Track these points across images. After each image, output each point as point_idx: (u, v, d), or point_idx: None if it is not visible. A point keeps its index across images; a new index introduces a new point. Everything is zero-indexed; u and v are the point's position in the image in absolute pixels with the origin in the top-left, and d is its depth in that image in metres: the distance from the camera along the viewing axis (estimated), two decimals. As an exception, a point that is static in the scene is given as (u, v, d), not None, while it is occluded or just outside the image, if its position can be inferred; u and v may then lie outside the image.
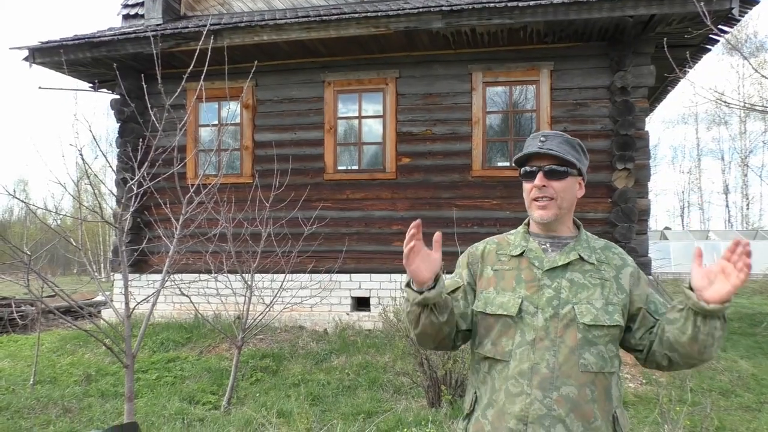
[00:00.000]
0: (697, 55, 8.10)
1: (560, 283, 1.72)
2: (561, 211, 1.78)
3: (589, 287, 1.71)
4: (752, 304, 14.10)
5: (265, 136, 8.58)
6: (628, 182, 7.43)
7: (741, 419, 5.26)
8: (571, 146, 1.80)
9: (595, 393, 1.65)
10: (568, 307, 1.68)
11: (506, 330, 1.72)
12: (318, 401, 5.70)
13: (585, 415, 1.62)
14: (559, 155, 1.74)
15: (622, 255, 1.82)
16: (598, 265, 1.75)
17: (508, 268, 1.79)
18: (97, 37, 8.15)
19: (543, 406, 1.62)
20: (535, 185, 1.75)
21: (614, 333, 1.69)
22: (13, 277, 4.20)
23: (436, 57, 8.15)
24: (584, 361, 1.64)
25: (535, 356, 1.65)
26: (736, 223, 36.43)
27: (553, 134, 1.79)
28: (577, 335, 1.65)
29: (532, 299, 1.71)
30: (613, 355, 1.70)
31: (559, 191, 1.75)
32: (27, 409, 5.48)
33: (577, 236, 1.83)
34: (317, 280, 7.80)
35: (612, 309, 1.69)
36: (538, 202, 1.77)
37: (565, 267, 1.74)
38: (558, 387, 1.63)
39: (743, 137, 34.63)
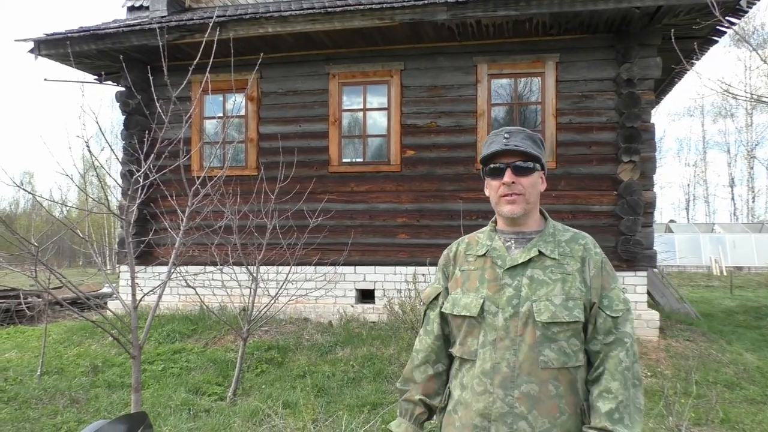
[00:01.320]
0: (704, 47, 8.05)
1: (521, 281, 1.73)
2: (529, 206, 1.79)
3: (549, 283, 1.71)
4: (757, 297, 14.08)
5: (270, 128, 8.58)
6: (633, 175, 7.40)
7: (746, 412, 5.26)
8: (533, 141, 1.81)
9: (560, 388, 1.66)
10: (527, 305, 1.69)
11: (471, 330, 1.76)
12: (323, 393, 5.72)
13: (549, 410, 1.64)
14: (526, 151, 1.76)
15: (587, 246, 1.80)
16: (560, 260, 1.75)
17: (474, 269, 1.82)
18: (102, 29, 8.16)
19: (505, 404, 1.65)
20: (505, 182, 1.76)
21: (576, 328, 1.69)
22: (21, 268, 4.22)
23: (441, 49, 8.12)
24: (544, 358, 1.66)
25: (497, 356, 1.69)
26: (741, 216, 36.33)
27: (515, 130, 1.80)
28: (536, 333, 1.67)
29: (494, 299, 1.73)
30: (577, 349, 1.70)
31: (527, 186, 1.77)
32: (34, 400, 5.53)
33: (542, 230, 1.82)
34: (322, 272, 7.81)
35: (573, 304, 1.68)
36: (506, 198, 1.78)
37: (525, 264, 1.74)
38: (519, 385, 1.65)
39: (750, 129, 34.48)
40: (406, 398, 1.91)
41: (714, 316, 9.94)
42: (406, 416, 1.89)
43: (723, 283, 17.98)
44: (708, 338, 7.43)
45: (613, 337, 1.70)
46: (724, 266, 22.24)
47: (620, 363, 1.67)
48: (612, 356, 1.68)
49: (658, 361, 6.50)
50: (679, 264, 22.21)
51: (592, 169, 7.69)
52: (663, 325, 7.47)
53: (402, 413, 1.91)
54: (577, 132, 7.75)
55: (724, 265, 22.38)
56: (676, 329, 7.58)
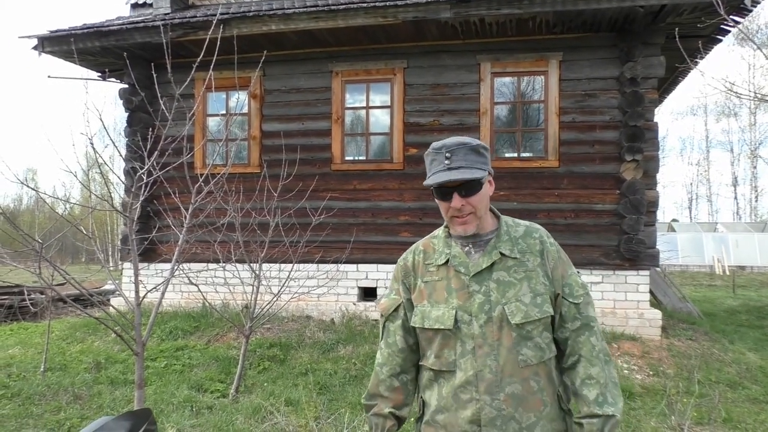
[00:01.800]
0: (707, 46, 8.03)
1: (488, 286, 1.72)
2: (481, 219, 1.77)
3: (516, 283, 1.72)
4: (760, 297, 14.06)
5: (273, 126, 8.59)
6: (636, 174, 7.39)
7: (749, 411, 5.26)
8: (476, 153, 1.74)
9: (540, 382, 1.70)
10: (498, 308, 1.70)
11: (447, 342, 1.74)
12: (325, 390, 5.73)
13: (534, 406, 1.68)
14: (469, 177, 1.69)
15: (542, 238, 1.81)
16: (521, 258, 1.76)
17: (438, 279, 1.79)
18: (106, 26, 8.16)
19: (493, 409, 1.67)
20: (453, 206, 1.73)
21: (546, 322, 1.73)
22: (24, 264, 4.23)
23: (444, 47, 8.11)
24: (523, 357, 1.68)
25: (478, 363, 1.69)
26: (744, 215, 36.26)
27: (456, 146, 1.72)
28: (512, 334, 1.68)
29: (465, 308, 1.72)
30: (549, 341, 1.74)
31: (477, 204, 1.74)
32: (38, 396, 5.54)
33: (497, 229, 1.81)
34: (324, 270, 7.82)
35: (541, 300, 1.71)
36: (458, 219, 1.75)
37: (489, 268, 1.74)
38: (503, 388, 1.67)
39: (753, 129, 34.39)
40: (375, 413, 1.89)
41: (716, 316, 9.93)
42: (378, 430, 1.88)
43: (726, 282, 17.95)
44: (710, 338, 7.42)
45: (579, 322, 1.75)
46: (727, 265, 22.21)
47: (593, 347, 1.73)
48: (583, 341, 1.74)
49: (660, 360, 6.50)
50: (681, 263, 22.18)
51: (595, 167, 7.68)
52: (665, 325, 7.46)
53: (373, 428, 1.90)
54: (580, 131, 7.74)
55: (727, 264, 22.34)
56: (679, 328, 7.57)
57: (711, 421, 4.86)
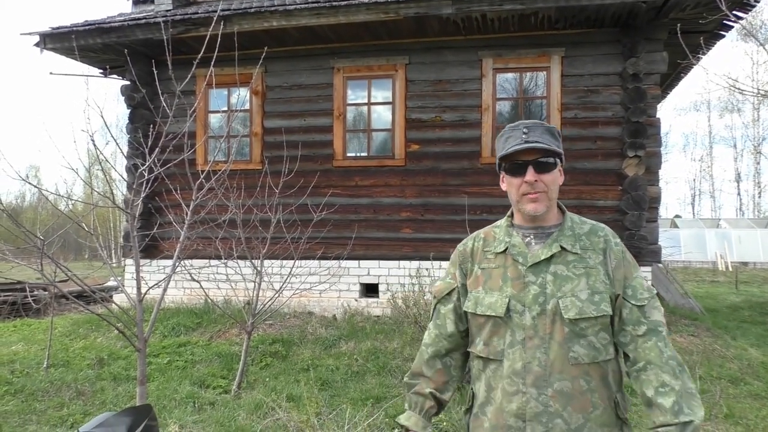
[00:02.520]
0: (710, 42, 8.01)
1: (545, 278, 1.70)
2: (551, 202, 1.76)
3: (574, 278, 1.69)
4: (763, 293, 14.04)
5: (275, 122, 8.58)
6: (638, 170, 7.39)
7: (750, 407, 5.26)
8: (552, 135, 1.76)
9: (591, 383, 1.65)
10: (553, 302, 1.67)
11: (497, 330, 1.73)
12: (327, 386, 5.74)
13: (582, 406, 1.63)
14: (547, 147, 1.71)
15: (607, 237, 1.77)
16: (582, 254, 1.72)
17: (495, 266, 1.79)
18: (108, 22, 8.16)
19: (539, 404, 1.64)
20: (527, 180, 1.72)
21: (604, 322, 1.67)
22: (27, 261, 4.24)
23: (446, 43, 8.10)
24: (574, 354, 1.64)
25: (527, 355, 1.66)
26: (747, 212, 36.19)
27: (533, 124, 1.76)
28: (565, 329, 1.65)
29: (519, 297, 1.70)
30: (607, 343, 1.69)
31: (549, 183, 1.74)
32: (41, 392, 5.56)
33: (561, 224, 1.79)
34: (326, 266, 7.83)
35: (599, 298, 1.67)
36: (529, 196, 1.73)
37: (548, 260, 1.72)
38: (552, 383, 1.64)
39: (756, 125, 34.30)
40: (415, 391, 1.88)
41: (719, 312, 9.92)
42: (416, 409, 1.87)
43: (728, 278, 17.93)
44: (712, 333, 7.41)
45: (644, 327, 1.67)
46: (730, 261, 22.17)
47: (662, 353, 1.64)
48: (650, 347, 1.65)
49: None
50: (684, 259, 22.16)
51: (597, 164, 7.67)
52: (667, 321, 7.38)
53: (411, 406, 1.88)
54: (582, 127, 7.73)
55: (730, 260, 22.31)
56: (681, 324, 7.56)
57: (712, 416, 4.86)
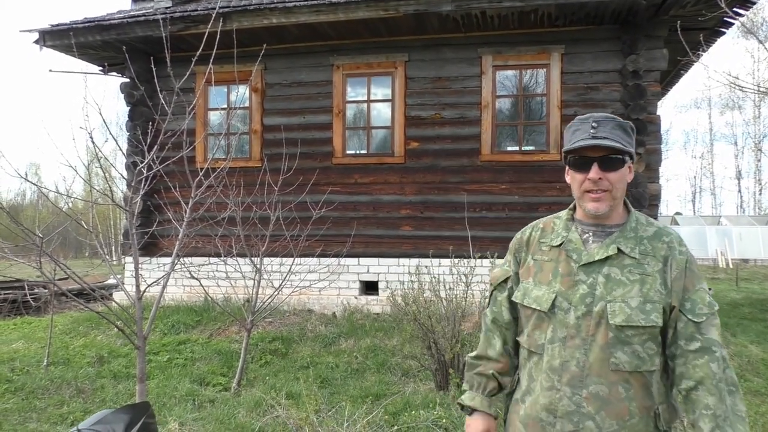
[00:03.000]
0: (711, 39, 7.99)
1: (596, 279, 1.64)
2: (615, 202, 1.69)
3: (627, 284, 1.62)
4: (763, 290, 14.03)
5: (274, 119, 8.58)
6: (638, 167, 7.38)
7: (750, 404, 5.25)
8: (623, 131, 1.68)
9: (630, 391, 1.60)
10: (600, 304, 1.61)
11: (540, 324, 1.71)
12: (326, 384, 5.74)
13: (618, 413, 1.59)
14: (615, 146, 1.63)
15: (672, 244, 1.67)
16: (640, 259, 1.64)
17: (548, 259, 1.75)
18: (107, 20, 8.15)
19: (572, 403, 1.62)
20: (590, 178, 1.65)
21: (653, 332, 1.60)
22: (26, 259, 4.24)
23: (446, 40, 8.08)
24: (615, 360, 1.59)
25: (566, 353, 1.64)
26: (748, 209, 36.18)
27: (604, 118, 1.67)
28: (609, 334, 1.60)
29: (566, 295, 1.67)
30: (654, 353, 1.62)
31: (615, 182, 1.66)
32: (41, 390, 5.57)
33: (624, 224, 1.72)
34: (326, 264, 7.83)
35: (650, 308, 1.59)
36: (592, 194, 1.67)
37: (602, 261, 1.66)
38: (587, 385, 1.61)
39: (757, 122, 34.27)
40: (478, 372, 1.89)
41: (719, 309, 9.91)
42: (479, 389, 1.87)
43: (729, 275, 17.92)
44: (712, 331, 7.40)
45: (698, 344, 1.59)
46: (730, 258, 22.16)
47: (713, 375, 1.56)
48: (701, 366, 1.57)
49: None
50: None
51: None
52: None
53: (474, 387, 1.88)
54: (582, 124, 7.71)
55: (730, 257, 22.30)
56: (681, 322, 7.55)
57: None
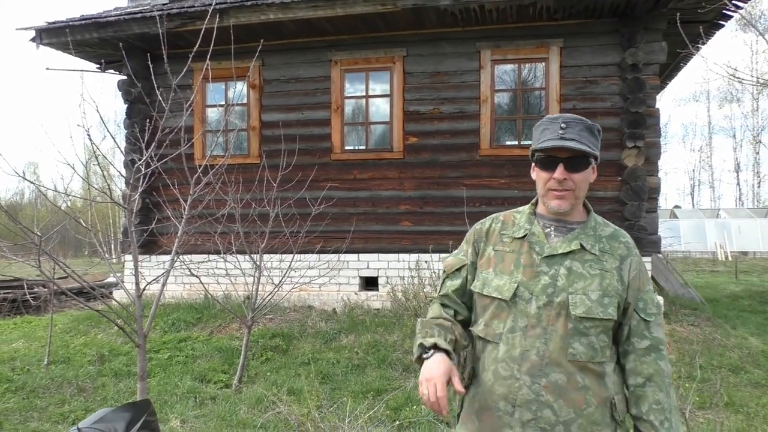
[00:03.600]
0: (709, 31, 7.97)
1: (558, 271, 1.70)
2: (577, 201, 1.76)
3: (587, 277, 1.69)
4: (762, 282, 14.05)
5: (272, 116, 8.55)
6: (638, 160, 7.37)
7: (750, 395, 5.27)
8: (590, 133, 1.73)
9: (586, 381, 1.66)
10: (562, 295, 1.67)
11: (499, 313, 1.73)
12: (328, 379, 5.75)
13: (575, 402, 1.64)
14: (581, 149, 1.68)
15: (628, 245, 1.78)
16: (600, 256, 1.72)
17: (509, 250, 1.79)
18: (104, 17, 8.13)
19: (531, 392, 1.65)
20: (556, 178, 1.70)
21: (607, 325, 1.68)
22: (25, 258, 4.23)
23: (444, 35, 8.05)
24: (573, 351, 1.65)
25: (527, 343, 1.67)
26: (747, 201, 36.21)
27: (572, 120, 1.72)
28: (568, 325, 1.66)
29: (528, 285, 1.71)
30: (605, 345, 1.69)
31: (579, 182, 1.72)
32: (42, 389, 5.57)
33: (585, 222, 1.79)
34: (325, 260, 7.82)
35: (608, 302, 1.67)
36: (556, 192, 1.73)
37: (565, 255, 1.72)
38: (547, 374, 1.65)
39: (756, 114, 34.26)
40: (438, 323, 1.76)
41: (719, 301, 9.93)
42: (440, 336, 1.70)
43: (728, 268, 17.95)
44: (712, 323, 7.42)
45: (647, 342, 1.71)
46: (729, 251, 22.18)
47: (663, 373, 1.70)
48: (650, 364, 1.70)
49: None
50: (684, 249, 22.18)
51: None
52: (667, 311, 7.46)
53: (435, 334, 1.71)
54: (581, 117, 7.70)
55: (729, 250, 22.32)
56: (681, 314, 7.57)
57: (713, 405, 4.87)
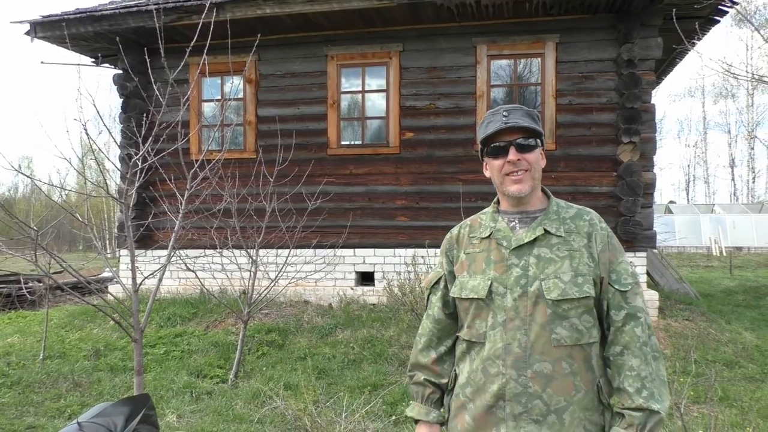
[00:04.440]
0: (705, 27, 7.98)
1: (528, 261, 1.71)
2: (535, 182, 1.77)
3: (557, 261, 1.70)
4: (757, 277, 14.12)
5: (269, 111, 8.54)
6: (633, 156, 7.38)
7: (745, 389, 5.31)
8: (531, 118, 1.78)
9: (574, 366, 1.66)
10: (536, 284, 1.68)
11: (480, 312, 1.75)
12: (324, 374, 5.76)
13: (564, 388, 1.64)
14: (528, 127, 1.73)
15: (593, 221, 1.79)
16: (566, 237, 1.74)
17: (479, 251, 1.81)
18: (99, 10, 8.08)
19: (518, 385, 1.65)
20: (509, 160, 1.73)
21: (587, 304, 1.68)
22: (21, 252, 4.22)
23: (440, 30, 8.04)
24: (556, 336, 1.65)
25: (508, 336, 1.68)
26: (741, 197, 36.35)
27: (513, 108, 1.78)
28: (547, 311, 1.66)
29: (501, 280, 1.72)
30: (591, 326, 1.69)
31: (532, 162, 1.75)
32: (38, 384, 5.56)
33: (546, 208, 1.81)
34: (321, 255, 7.82)
35: (582, 280, 1.67)
36: (512, 177, 1.75)
37: (531, 243, 1.73)
38: (531, 364, 1.65)
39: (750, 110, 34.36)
40: (414, 382, 1.93)
41: (713, 296, 9.98)
42: (418, 398, 1.91)
43: (722, 263, 18.03)
44: (707, 318, 7.46)
45: (624, 312, 1.69)
46: (724, 246, 22.28)
47: (638, 339, 1.67)
48: (627, 332, 1.68)
49: (657, 340, 6.53)
50: (678, 245, 22.26)
51: (592, 150, 7.67)
52: (662, 306, 7.50)
53: (414, 397, 1.93)
54: (576, 113, 7.72)
55: (724, 245, 22.42)
56: (676, 309, 7.61)
57: (707, 399, 4.90)
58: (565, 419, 1.63)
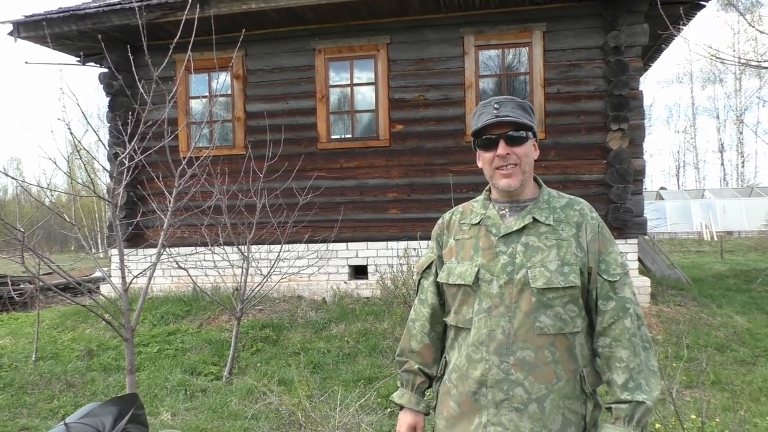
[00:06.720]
0: (691, 12, 7.99)
1: (515, 248, 1.72)
2: (525, 176, 1.78)
3: (544, 249, 1.71)
4: (747, 261, 14.21)
5: (257, 106, 8.49)
6: (622, 143, 7.40)
7: (736, 373, 5.35)
8: (523, 110, 1.78)
9: (556, 354, 1.67)
10: (522, 272, 1.69)
11: (466, 298, 1.77)
12: (318, 369, 5.76)
13: (546, 376, 1.65)
14: (518, 121, 1.73)
15: (583, 211, 1.79)
16: (555, 226, 1.74)
17: (468, 237, 1.82)
18: (82, 9, 8.00)
19: (500, 371, 1.67)
20: (499, 154, 1.74)
21: (572, 293, 1.68)
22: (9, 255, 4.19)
23: (427, 21, 8.02)
24: (540, 324, 1.66)
25: (492, 323, 1.69)
26: (731, 181, 36.56)
27: (505, 100, 1.78)
28: (532, 299, 1.67)
29: (488, 267, 1.73)
30: (575, 315, 1.70)
31: (522, 156, 1.75)
32: (30, 385, 5.54)
33: (537, 197, 1.82)
34: (314, 249, 7.82)
35: (568, 270, 1.68)
36: (502, 171, 1.75)
37: (520, 231, 1.74)
38: (514, 351, 1.66)
39: (738, 95, 34.52)
40: (405, 369, 1.94)
41: (704, 281, 10.04)
42: (408, 386, 1.93)
43: (713, 248, 18.14)
44: (699, 303, 7.51)
45: (613, 303, 1.69)
46: (715, 231, 22.41)
47: (626, 330, 1.67)
48: (616, 324, 1.68)
49: (649, 326, 6.57)
50: (669, 230, 22.37)
51: (581, 138, 7.68)
52: (654, 291, 7.54)
53: (403, 384, 1.94)
54: (565, 101, 7.72)
55: (715, 230, 22.55)
56: (667, 295, 7.65)
57: (700, 384, 4.94)
58: (546, 407, 1.65)
